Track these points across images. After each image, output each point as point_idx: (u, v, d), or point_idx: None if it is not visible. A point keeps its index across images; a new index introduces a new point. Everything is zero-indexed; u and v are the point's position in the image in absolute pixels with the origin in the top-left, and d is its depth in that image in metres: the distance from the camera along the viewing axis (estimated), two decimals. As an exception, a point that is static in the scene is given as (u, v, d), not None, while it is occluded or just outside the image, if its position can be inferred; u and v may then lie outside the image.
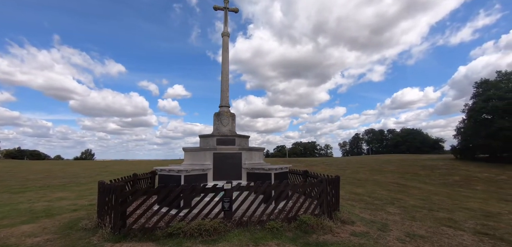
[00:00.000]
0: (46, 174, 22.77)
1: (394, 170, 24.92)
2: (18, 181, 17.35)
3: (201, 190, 5.94)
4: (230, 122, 9.65)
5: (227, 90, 10.23)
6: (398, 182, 18.24)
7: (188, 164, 8.67)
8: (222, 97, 10.11)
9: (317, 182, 6.96)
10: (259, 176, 7.94)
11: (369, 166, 29.38)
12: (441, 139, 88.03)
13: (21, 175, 22.00)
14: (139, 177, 9.57)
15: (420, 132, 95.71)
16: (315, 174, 9.83)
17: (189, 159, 8.78)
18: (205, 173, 7.94)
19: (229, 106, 10.10)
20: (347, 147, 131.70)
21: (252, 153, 8.93)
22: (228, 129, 9.53)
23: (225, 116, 9.58)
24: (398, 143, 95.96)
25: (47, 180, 18.64)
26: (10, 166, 33.95)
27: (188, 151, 8.85)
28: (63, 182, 17.26)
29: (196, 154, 8.57)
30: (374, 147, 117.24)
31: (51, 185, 15.67)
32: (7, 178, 19.20)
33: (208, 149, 8.31)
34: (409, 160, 33.00)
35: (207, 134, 9.26)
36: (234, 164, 8.36)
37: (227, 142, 8.92)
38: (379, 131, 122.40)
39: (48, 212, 7.93)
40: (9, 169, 28.15)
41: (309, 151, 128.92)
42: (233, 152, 8.45)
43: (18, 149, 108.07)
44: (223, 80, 10.28)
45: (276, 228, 5.82)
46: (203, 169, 7.82)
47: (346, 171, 25.81)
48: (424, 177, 20.95)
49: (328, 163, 37.30)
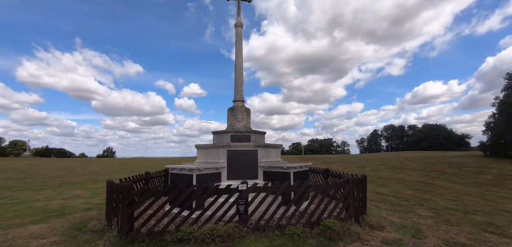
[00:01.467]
0: (68, 171, 23.50)
1: (418, 168, 23.51)
2: (41, 178, 17.90)
3: (214, 191, 5.40)
4: (245, 118, 9.07)
5: (241, 84, 9.65)
6: (423, 180, 16.98)
7: (201, 162, 8.20)
8: (236, 91, 9.55)
9: (343, 183, 6.20)
10: (277, 176, 7.30)
11: (390, 163, 28.01)
12: (467, 135, 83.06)
13: (45, 172, 22.85)
14: (152, 175, 9.24)
15: (444, 128, 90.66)
16: (338, 173, 9.05)
17: (202, 156, 8.31)
18: (219, 172, 7.42)
19: (243, 101, 9.52)
20: (365, 143, 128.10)
21: (268, 150, 8.30)
22: (243, 125, 8.96)
23: (239, 111, 9.02)
24: (420, 139, 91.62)
25: (68, 177, 19.12)
26: (36, 163, 35.67)
27: (200, 148, 8.38)
28: (82, 180, 17.59)
29: (209, 152, 8.08)
30: (394, 143, 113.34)
31: (70, 182, 15.96)
32: (32, 175, 19.94)
33: (222, 146, 7.78)
34: (433, 157, 31.29)
35: (220, 130, 8.74)
36: (250, 162, 7.77)
37: (241, 138, 8.35)
38: (399, 127, 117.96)
39: (61, 211, 7.78)
40: (35, 166, 29.47)
41: (326, 148, 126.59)
42: (248, 149, 7.87)
43: (46, 148, 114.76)
44: (237, 73, 9.72)
45: (297, 234, 5.18)
46: (216, 168, 7.30)
47: (365, 169, 24.70)
48: (451, 175, 19.47)
49: (346, 160, 35.99)
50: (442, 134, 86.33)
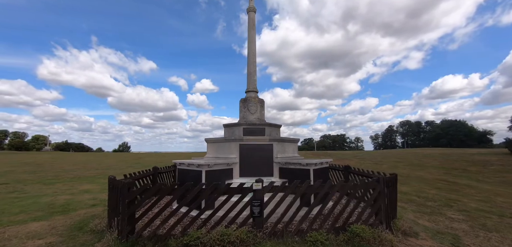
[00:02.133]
0: (82, 165, 23.81)
1: (438, 165, 22.18)
2: (55, 172, 18.07)
3: (224, 191, 4.74)
4: (259, 109, 8.34)
5: (254, 73, 8.92)
6: (445, 179, 15.74)
7: (211, 157, 7.58)
8: (249, 81, 8.83)
9: (373, 182, 5.36)
10: (295, 173, 6.54)
11: (408, 160, 26.72)
12: (490, 131, 79.14)
13: (60, 166, 23.24)
14: (160, 170, 8.74)
15: (464, 124, 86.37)
16: (360, 170, 8.19)
17: (212, 151, 7.68)
18: (230, 168, 6.76)
19: (257, 91, 8.79)
20: (380, 140, 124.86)
21: (284, 145, 7.55)
22: (257, 117, 8.24)
23: (252, 103, 8.30)
24: (438, 135, 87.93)
25: (81, 171, 19.24)
26: (54, 157, 36.72)
27: (211, 142, 7.76)
28: (94, 174, 17.59)
29: (220, 146, 7.44)
30: (410, 140, 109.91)
31: (82, 176, 15.93)
32: (47, 169, 20.25)
33: (233, 140, 7.11)
34: (454, 154, 29.69)
35: (232, 123, 8.08)
36: (264, 158, 7.06)
37: (255, 131, 7.64)
38: (415, 122, 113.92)
39: (66, 207, 7.43)
40: (52, 161, 30.26)
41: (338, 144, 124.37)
42: (263, 144, 7.15)
43: (65, 142, 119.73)
44: (249, 61, 8.98)
45: (321, 241, 4.45)
46: (227, 163, 6.64)
47: (382, 166, 23.56)
48: (475, 173, 18.08)
49: (360, 156, 34.72)
50: (462, 130, 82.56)
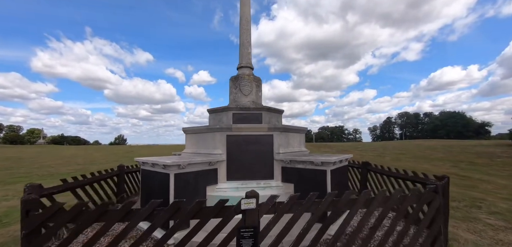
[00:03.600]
0: (66, 161, 21.90)
1: (443, 158, 20.76)
2: (30, 169, 16.18)
3: (193, 212, 2.81)
4: (254, 90, 6.37)
5: (248, 44, 6.91)
6: (455, 172, 14.15)
7: (189, 153, 5.65)
8: (242, 53, 6.82)
9: (429, 193, 3.45)
10: (304, 175, 4.65)
11: (411, 152, 25.33)
12: (488, 123, 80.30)
13: (42, 161, 21.33)
14: (129, 170, 6.83)
15: (462, 115, 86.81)
16: (380, 167, 6.35)
17: (192, 145, 5.75)
18: (213, 168, 4.84)
19: (251, 67, 6.80)
20: (378, 131, 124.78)
21: (289, 136, 5.60)
22: (251, 100, 6.28)
23: (246, 81, 6.32)
24: (437, 127, 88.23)
25: (60, 167, 17.37)
26: (42, 151, 34.78)
27: (190, 133, 5.81)
28: (73, 170, 15.72)
29: (201, 138, 5.49)
30: (408, 131, 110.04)
31: (55, 173, 14.06)
32: (24, 165, 18.35)
33: (219, 129, 5.16)
34: (457, 146, 28.66)
35: (219, 108, 6.12)
36: (261, 154, 5.14)
37: (249, 118, 5.69)
38: (413, 114, 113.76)
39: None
40: (37, 155, 28.37)
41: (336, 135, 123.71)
42: (260, 134, 5.21)
43: (61, 136, 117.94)
44: (242, 29, 6.96)
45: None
46: (209, 162, 4.71)
47: (385, 158, 22.04)
48: (484, 166, 16.60)
49: (361, 148, 33.21)
50: (461, 121, 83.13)
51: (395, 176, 5.70)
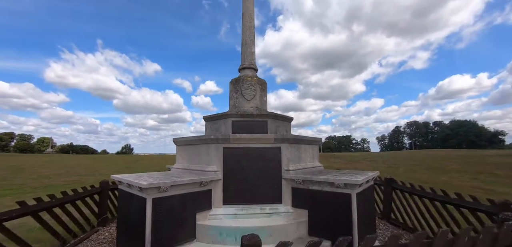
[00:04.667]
0: (66, 171, 21.32)
1: (460, 169, 19.32)
2: (24, 180, 15.55)
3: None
4: (258, 94, 5.43)
5: (251, 43, 6.03)
6: (479, 186, 12.80)
7: (180, 168, 4.70)
8: (244, 53, 5.94)
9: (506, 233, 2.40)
10: (322, 200, 3.63)
11: (425, 163, 23.85)
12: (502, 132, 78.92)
13: (42, 171, 20.79)
14: (115, 186, 5.91)
15: (474, 124, 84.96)
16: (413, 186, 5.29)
17: (183, 158, 4.81)
18: (206, 190, 3.86)
19: (255, 68, 5.89)
20: (386, 141, 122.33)
21: (300, 148, 4.60)
22: (254, 105, 5.33)
23: (248, 83, 5.40)
24: (447, 136, 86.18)
25: (58, 178, 16.72)
26: (46, 161, 34.52)
27: (181, 144, 4.88)
28: (69, 181, 15.02)
29: (194, 151, 4.55)
30: (417, 141, 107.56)
31: (49, 185, 13.33)
32: (20, 175, 17.78)
33: (215, 140, 4.21)
34: (473, 156, 27.18)
35: (217, 114, 5.19)
36: (266, 171, 4.15)
37: (252, 126, 4.74)
38: (423, 123, 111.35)
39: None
40: (39, 164, 27.98)
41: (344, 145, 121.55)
42: (265, 146, 4.24)
43: (70, 144, 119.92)
44: (244, 26, 6.10)
45: None
46: (201, 182, 3.75)
47: (398, 169, 20.67)
48: (506, 178, 15.07)
49: (371, 158, 31.67)
50: (473, 130, 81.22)
51: (437, 199, 4.58)
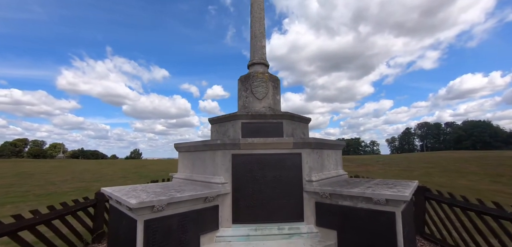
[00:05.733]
0: (72, 176, 21.08)
1: (480, 172, 18.08)
2: (30, 187, 15.30)
3: None
4: (270, 92, 4.76)
5: (262, 36, 5.38)
6: (501, 189, 11.79)
7: (182, 178, 4.07)
8: (254, 47, 5.29)
9: None
10: (355, 218, 2.91)
11: (440, 165, 22.52)
12: None
13: (49, 177, 20.65)
14: (112, 197, 5.34)
15: (489, 124, 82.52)
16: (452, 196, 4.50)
17: (185, 167, 4.18)
18: (212, 206, 3.20)
19: (267, 64, 5.23)
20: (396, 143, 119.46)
21: (323, 154, 3.89)
22: (267, 105, 4.67)
23: (260, 81, 4.74)
24: (461, 137, 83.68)
25: (66, 184, 16.43)
26: (56, 166, 34.72)
27: (183, 150, 4.25)
28: (74, 188, 14.68)
29: (198, 158, 3.90)
30: (429, 142, 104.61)
31: (56, 192, 12.98)
32: (28, 182, 17.60)
33: (222, 145, 3.55)
34: (490, 157, 25.59)
35: (224, 116, 4.55)
36: (284, 182, 3.46)
37: (265, 129, 4.07)
38: (434, 124, 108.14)
39: None
40: (49, 170, 28.03)
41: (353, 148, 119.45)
42: (282, 152, 3.55)
43: (81, 150, 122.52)
44: (253, 17, 5.47)
45: None
46: (206, 197, 3.09)
47: (413, 173, 19.54)
48: None
49: (383, 161, 30.30)
50: (488, 131, 78.78)
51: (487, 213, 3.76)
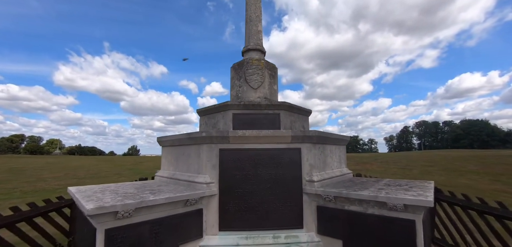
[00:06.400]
0: (65, 173, 20.55)
1: (479, 170, 17.68)
2: (18, 183, 14.76)
3: None
4: (266, 81, 4.26)
5: (258, 20, 4.87)
6: (502, 189, 11.47)
7: (165, 177, 3.58)
8: (249, 32, 4.77)
9: None
10: (365, 226, 2.44)
11: (439, 164, 22.13)
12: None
13: (40, 173, 20.10)
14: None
15: (487, 123, 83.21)
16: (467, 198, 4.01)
17: (168, 163, 3.68)
18: (194, 211, 2.71)
19: (263, 51, 4.72)
20: (394, 141, 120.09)
21: (325, 150, 3.40)
22: (262, 95, 4.17)
23: (255, 68, 4.24)
24: (459, 136, 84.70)
25: (58, 180, 15.90)
26: (50, 162, 34.08)
27: (167, 145, 3.75)
28: (64, 184, 14.15)
29: (182, 153, 3.41)
30: (427, 141, 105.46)
31: (44, 189, 12.46)
32: (17, 178, 17.07)
33: (209, 138, 3.05)
34: (489, 156, 25.50)
35: (213, 106, 4.05)
36: (280, 181, 2.97)
37: (259, 120, 3.58)
38: (432, 123, 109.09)
39: None
40: (42, 166, 27.43)
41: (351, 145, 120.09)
42: (278, 148, 3.06)
43: (78, 146, 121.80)
44: (249, 0, 4.95)
45: None
46: (187, 200, 2.60)
47: (412, 171, 19.17)
48: None
49: (382, 159, 29.93)
50: (485, 130, 79.29)
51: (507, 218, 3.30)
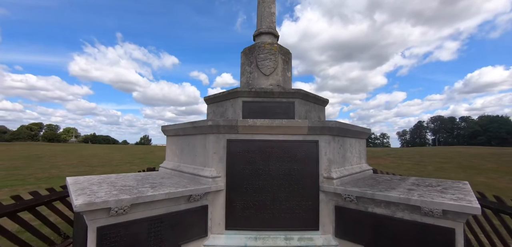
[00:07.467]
0: (82, 161, 21.12)
1: (497, 168, 16.77)
2: (35, 169, 15.27)
3: None
4: (280, 67, 3.91)
5: (271, 1, 4.48)
6: None
7: (169, 169, 3.34)
8: (261, 14, 4.40)
9: None
10: (394, 233, 2.10)
11: (454, 160, 21.21)
12: None
13: (56, 160, 20.71)
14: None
15: (507, 120, 79.55)
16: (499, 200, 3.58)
17: (173, 154, 3.44)
18: (199, 207, 2.46)
19: (276, 34, 4.35)
20: (408, 136, 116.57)
21: (345, 144, 3.05)
22: (275, 82, 3.83)
23: (267, 53, 3.89)
24: (476, 132, 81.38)
25: (71, 168, 16.34)
26: (67, 149, 35.22)
27: (171, 134, 3.51)
28: (76, 172, 14.47)
29: (187, 143, 3.15)
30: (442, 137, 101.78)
31: (57, 176, 12.77)
32: (34, 165, 17.63)
33: (215, 127, 2.77)
34: (508, 154, 23.72)
35: (221, 93, 3.76)
36: (295, 177, 2.66)
37: (271, 109, 3.26)
38: (448, 118, 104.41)
39: None
40: (58, 153, 28.36)
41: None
42: (293, 140, 2.74)
43: (93, 135, 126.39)
44: (262, -21, 4.55)
45: None
46: (190, 196, 2.35)
47: (427, 168, 18.45)
48: None
49: (395, 154, 28.95)
50: (505, 126, 75.74)
51: None
